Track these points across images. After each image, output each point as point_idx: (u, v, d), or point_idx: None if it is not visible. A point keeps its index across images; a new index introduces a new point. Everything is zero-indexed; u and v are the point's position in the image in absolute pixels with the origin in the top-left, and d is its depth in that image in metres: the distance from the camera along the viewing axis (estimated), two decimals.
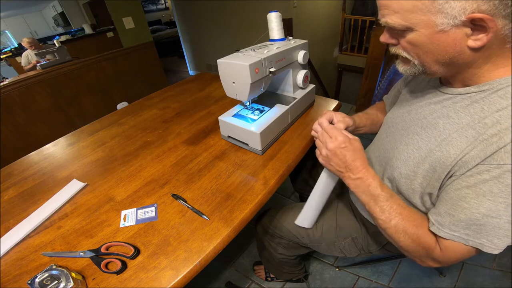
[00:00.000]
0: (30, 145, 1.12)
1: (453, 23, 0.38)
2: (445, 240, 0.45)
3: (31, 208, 0.67)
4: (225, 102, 1.11)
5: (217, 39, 3.46)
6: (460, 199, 0.42)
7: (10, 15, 2.06)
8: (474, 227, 0.41)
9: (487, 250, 0.41)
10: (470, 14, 0.36)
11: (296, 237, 0.82)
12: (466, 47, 0.40)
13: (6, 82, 1.88)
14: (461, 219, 0.42)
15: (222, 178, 0.69)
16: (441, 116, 0.50)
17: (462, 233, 0.43)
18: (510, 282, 1.06)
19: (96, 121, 1.08)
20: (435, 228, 0.46)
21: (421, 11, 0.39)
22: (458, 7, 0.37)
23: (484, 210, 0.40)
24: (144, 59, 2.65)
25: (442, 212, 0.45)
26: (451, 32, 0.39)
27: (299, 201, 1.49)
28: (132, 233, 0.57)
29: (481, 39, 0.38)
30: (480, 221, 0.41)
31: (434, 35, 0.40)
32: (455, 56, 0.42)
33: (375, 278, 1.16)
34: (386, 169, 0.59)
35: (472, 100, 0.45)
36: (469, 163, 0.42)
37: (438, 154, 0.47)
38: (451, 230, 0.44)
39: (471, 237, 0.42)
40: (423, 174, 0.49)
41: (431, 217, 0.47)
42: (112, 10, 2.30)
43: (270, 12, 0.79)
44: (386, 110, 0.81)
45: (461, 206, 0.42)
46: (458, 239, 0.43)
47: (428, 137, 0.50)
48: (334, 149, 0.54)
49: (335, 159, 0.55)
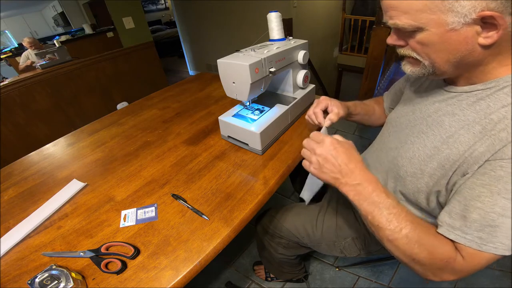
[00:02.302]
0: (30, 145, 1.12)
1: (463, 21, 0.38)
2: (468, 247, 0.41)
3: (31, 208, 0.67)
4: (225, 102, 1.11)
5: (217, 39, 3.46)
6: (473, 198, 0.40)
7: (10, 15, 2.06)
8: (489, 230, 0.39)
9: (501, 252, 0.39)
10: (480, 12, 0.37)
11: (296, 237, 0.82)
12: (477, 45, 0.40)
13: (6, 82, 1.88)
14: (474, 219, 0.40)
15: (222, 178, 0.69)
16: (446, 114, 0.49)
17: (475, 236, 0.40)
18: (510, 282, 1.06)
19: (96, 121, 1.08)
20: (444, 230, 0.43)
21: (432, 10, 0.39)
22: (468, 6, 0.37)
23: (499, 209, 0.38)
24: (144, 59, 2.65)
25: (453, 213, 0.43)
26: (462, 31, 0.39)
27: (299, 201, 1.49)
28: (132, 233, 0.57)
29: (492, 37, 0.38)
30: (495, 222, 0.39)
31: (445, 34, 0.40)
32: (466, 54, 0.42)
33: (375, 278, 1.16)
34: (391, 168, 0.59)
35: (478, 98, 0.45)
36: (479, 159, 0.41)
37: (446, 151, 0.46)
38: (463, 232, 0.41)
39: (485, 241, 0.40)
40: (431, 173, 0.49)
41: (440, 219, 0.45)
42: (112, 10, 2.30)
43: (270, 12, 0.79)
44: (384, 106, 0.81)
45: (474, 205, 0.40)
46: (470, 243, 0.41)
47: (434, 135, 0.50)
48: (324, 154, 0.50)
49: (327, 165, 0.49)
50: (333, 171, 0.49)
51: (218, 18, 3.26)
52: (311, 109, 0.68)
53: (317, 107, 0.67)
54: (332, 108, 0.66)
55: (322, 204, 0.85)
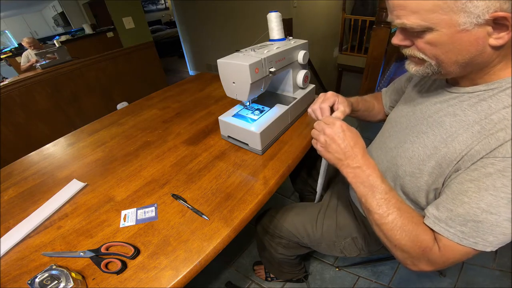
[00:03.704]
0: (30, 145, 1.12)
1: (476, 22, 0.38)
2: (445, 239, 0.43)
3: (31, 208, 0.67)
4: (225, 102, 1.11)
5: (217, 39, 3.46)
6: (461, 192, 0.41)
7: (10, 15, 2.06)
8: (471, 225, 0.40)
9: (480, 248, 0.41)
10: (493, 12, 0.36)
11: (296, 237, 0.82)
12: (487, 46, 0.40)
13: (6, 82, 1.88)
14: (459, 213, 0.41)
15: (222, 178, 0.69)
16: (447, 114, 0.49)
17: (458, 230, 0.42)
18: (510, 282, 1.06)
19: (96, 121, 1.08)
20: (431, 221, 0.45)
21: (443, 10, 0.38)
22: (482, 6, 0.36)
23: (484, 205, 0.39)
24: (144, 59, 2.65)
25: (440, 206, 0.44)
26: (473, 31, 0.39)
27: (299, 201, 1.49)
28: (132, 233, 0.57)
29: (503, 37, 0.38)
30: (478, 217, 0.40)
31: (456, 34, 0.40)
32: (476, 55, 0.41)
33: (375, 278, 1.16)
34: (390, 167, 0.59)
35: (480, 99, 0.45)
36: (474, 157, 0.41)
37: (444, 150, 0.46)
38: (448, 225, 0.43)
39: (466, 235, 0.41)
40: (429, 172, 0.49)
41: (427, 211, 0.46)
42: (112, 10, 2.30)
43: (270, 12, 0.79)
44: (382, 103, 0.82)
45: (461, 200, 0.41)
46: (452, 237, 0.42)
47: (434, 135, 0.50)
48: (333, 134, 0.52)
49: (333, 145, 0.52)
50: (338, 151, 0.52)
51: (218, 18, 3.26)
52: (316, 103, 0.64)
53: (324, 102, 0.63)
54: (339, 106, 0.63)
55: (322, 204, 0.85)
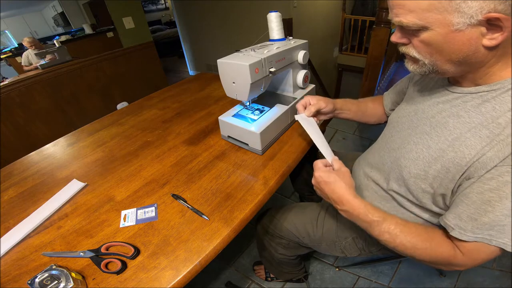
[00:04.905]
0: (30, 145, 1.12)
1: (469, 22, 0.38)
2: (467, 243, 0.44)
3: (31, 208, 0.67)
4: (225, 102, 1.11)
5: (217, 39, 3.46)
6: (484, 203, 0.42)
7: (10, 15, 2.06)
8: (498, 228, 0.42)
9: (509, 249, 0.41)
10: (487, 13, 0.36)
11: (296, 237, 0.82)
12: (481, 46, 0.40)
13: (6, 82, 1.88)
14: (485, 222, 0.42)
15: (222, 178, 0.69)
16: (450, 115, 0.49)
17: (486, 234, 0.43)
18: (510, 282, 1.06)
19: (96, 121, 1.08)
20: (457, 233, 0.45)
21: (438, 10, 0.39)
22: (475, 7, 0.36)
23: (507, 211, 0.40)
24: (144, 59, 2.65)
25: (464, 216, 0.44)
26: (467, 31, 0.39)
27: (299, 201, 1.49)
28: (132, 233, 0.57)
29: (496, 38, 0.38)
30: (503, 221, 0.41)
31: (450, 34, 0.40)
32: (469, 55, 0.42)
33: (375, 278, 1.16)
34: (394, 168, 0.58)
35: (483, 100, 0.45)
36: (487, 164, 0.41)
37: (451, 154, 0.46)
38: (474, 233, 0.43)
39: (495, 237, 0.42)
40: (434, 175, 0.49)
41: (450, 222, 0.46)
42: (112, 10, 2.30)
43: (270, 12, 0.79)
44: (383, 105, 0.81)
45: (485, 209, 0.42)
46: (481, 240, 0.43)
47: (438, 136, 0.50)
48: (315, 184, 0.59)
49: (318, 192, 0.60)
50: (324, 197, 0.59)
51: (218, 18, 3.26)
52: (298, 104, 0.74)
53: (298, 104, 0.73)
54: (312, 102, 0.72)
55: (322, 204, 0.85)
